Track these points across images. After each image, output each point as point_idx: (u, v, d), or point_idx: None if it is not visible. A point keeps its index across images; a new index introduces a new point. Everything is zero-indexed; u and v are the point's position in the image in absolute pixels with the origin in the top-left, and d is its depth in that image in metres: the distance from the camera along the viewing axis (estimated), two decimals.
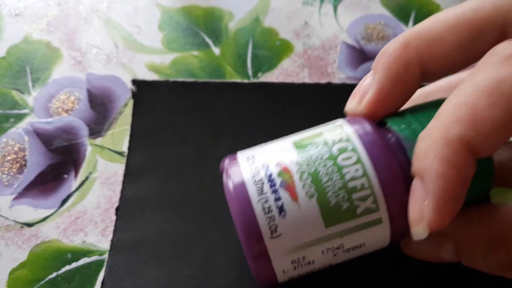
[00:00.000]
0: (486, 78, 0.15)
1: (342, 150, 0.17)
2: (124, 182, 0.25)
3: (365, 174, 0.16)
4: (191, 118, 0.27)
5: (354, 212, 0.16)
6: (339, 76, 0.29)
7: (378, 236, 0.17)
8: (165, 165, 0.26)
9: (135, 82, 0.28)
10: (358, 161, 0.16)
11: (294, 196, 0.16)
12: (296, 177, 0.16)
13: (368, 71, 0.19)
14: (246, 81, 0.29)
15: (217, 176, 0.25)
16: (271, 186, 0.16)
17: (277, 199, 0.16)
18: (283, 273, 0.17)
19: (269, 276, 0.17)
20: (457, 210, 0.15)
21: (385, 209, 0.16)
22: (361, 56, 0.30)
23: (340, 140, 0.17)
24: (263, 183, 0.16)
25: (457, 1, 0.32)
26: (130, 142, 0.27)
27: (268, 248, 0.16)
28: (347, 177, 0.16)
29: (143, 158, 0.26)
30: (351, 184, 0.16)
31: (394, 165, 0.17)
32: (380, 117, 0.18)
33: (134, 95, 0.28)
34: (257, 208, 0.16)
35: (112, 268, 0.23)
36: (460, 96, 0.15)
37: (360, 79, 0.29)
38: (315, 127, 0.19)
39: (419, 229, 0.15)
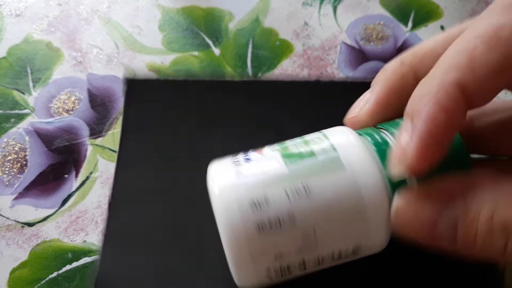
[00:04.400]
0: (487, 24, 0.15)
1: (313, 136, 0.19)
2: (115, 174, 0.25)
3: (326, 138, 0.18)
4: (183, 113, 0.27)
5: (313, 152, 0.17)
6: (338, 77, 0.29)
7: (344, 184, 0.16)
8: (156, 158, 0.26)
9: (127, 80, 0.29)
10: (325, 137, 0.18)
11: (260, 152, 0.18)
12: (266, 148, 0.19)
13: (367, 71, 0.20)
14: (236, 79, 0.29)
15: (206, 171, 0.25)
16: (244, 154, 0.19)
17: (246, 156, 0.18)
18: (244, 208, 0.17)
19: (229, 209, 0.17)
20: (438, 157, 0.15)
21: (344, 155, 0.17)
22: (361, 56, 0.30)
23: (315, 135, 0.19)
24: (238, 155, 0.19)
25: (456, 2, 0.32)
26: (122, 135, 0.27)
27: (234, 184, 0.17)
28: (308, 138, 0.18)
29: (135, 151, 0.26)
30: (311, 141, 0.18)
31: (365, 150, 0.17)
32: (375, 123, 0.19)
33: (126, 93, 0.28)
34: (229, 164, 0.18)
35: (106, 257, 0.23)
36: (460, 43, 0.15)
37: (359, 79, 0.29)
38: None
39: (399, 168, 0.15)
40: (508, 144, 0.20)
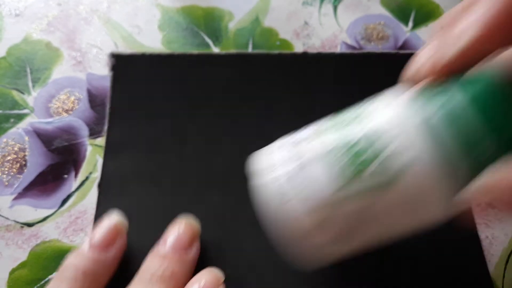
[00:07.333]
0: None
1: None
2: (104, 158, 0.26)
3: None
4: (169, 90, 0.27)
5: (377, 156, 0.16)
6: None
7: (422, 178, 0.15)
8: (143, 140, 0.26)
9: (113, 55, 0.29)
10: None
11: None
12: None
13: None
14: (223, 52, 0.29)
15: (195, 149, 0.25)
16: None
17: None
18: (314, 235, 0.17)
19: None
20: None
21: (418, 146, 0.15)
22: None
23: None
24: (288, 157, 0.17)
25: (456, 1, 0.32)
26: (110, 118, 0.27)
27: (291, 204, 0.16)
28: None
29: (123, 134, 0.26)
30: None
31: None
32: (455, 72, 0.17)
33: (113, 68, 0.28)
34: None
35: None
36: None
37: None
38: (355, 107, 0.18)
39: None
40: None
